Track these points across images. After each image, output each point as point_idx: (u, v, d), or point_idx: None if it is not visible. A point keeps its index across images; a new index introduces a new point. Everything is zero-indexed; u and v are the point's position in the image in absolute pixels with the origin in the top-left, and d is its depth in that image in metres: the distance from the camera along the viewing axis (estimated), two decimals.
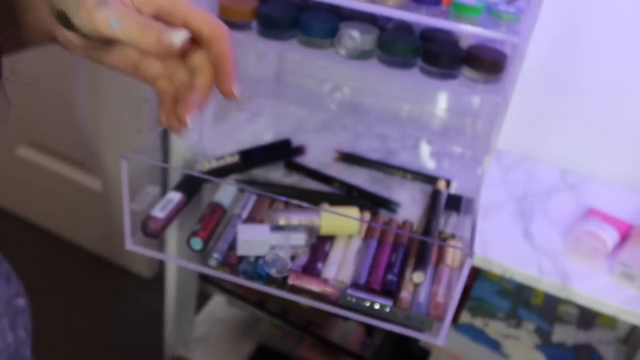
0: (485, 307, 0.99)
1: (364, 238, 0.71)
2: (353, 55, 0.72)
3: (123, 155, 0.63)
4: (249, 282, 0.65)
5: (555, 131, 0.96)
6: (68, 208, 1.54)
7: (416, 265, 0.65)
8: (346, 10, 0.76)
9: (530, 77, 0.89)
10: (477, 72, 0.71)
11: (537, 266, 0.73)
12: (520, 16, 0.66)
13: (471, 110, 0.89)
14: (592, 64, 0.89)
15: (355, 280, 0.65)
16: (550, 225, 0.81)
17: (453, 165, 0.93)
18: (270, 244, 0.64)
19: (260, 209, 0.74)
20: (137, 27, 0.39)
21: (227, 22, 0.74)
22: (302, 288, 0.64)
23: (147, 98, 1.24)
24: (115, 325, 1.41)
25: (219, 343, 1.17)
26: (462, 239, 0.71)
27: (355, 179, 0.83)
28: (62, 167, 1.51)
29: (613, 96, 0.90)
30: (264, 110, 1.01)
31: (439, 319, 0.62)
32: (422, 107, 0.93)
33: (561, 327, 0.98)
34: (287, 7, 0.76)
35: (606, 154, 0.94)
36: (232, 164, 0.81)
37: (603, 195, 0.89)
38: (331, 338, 1.08)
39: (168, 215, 0.68)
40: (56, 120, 1.44)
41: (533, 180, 0.91)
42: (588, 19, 0.86)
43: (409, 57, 0.72)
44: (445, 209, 0.76)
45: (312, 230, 0.68)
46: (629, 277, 0.71)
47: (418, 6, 0.67)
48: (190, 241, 0.68)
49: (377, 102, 0.99)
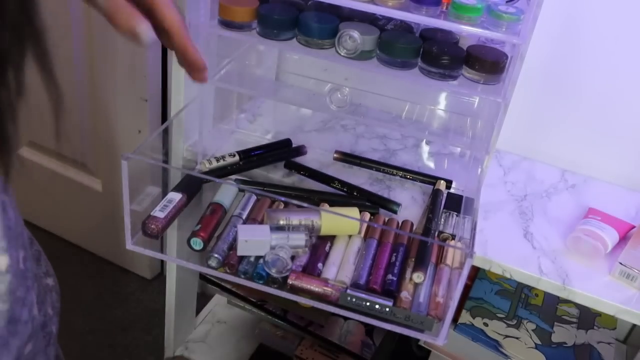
0: (485, 306, 0.99)
1: (364, 238, 0.71)
2: (353, 55, 0.72)
3: (123, 156, 0.63)
4: (249, 282, 0.65)
5: (555, 131, 0.96)
6: (68, 208, 1.54)
7: (416, 265, 0.65)
8: (346, 10, 0.76)
9: (530, 77, 0.89)
10: (477, 72, 0.71)
11: (537, 266, 0.73)
12: (520, 16, 0.66)
13: (471, 110, 0.89)
14: (592, 64, 0.89)
15: (355, 280, 0.65)
16: (550, 225, 0.81)
17: (453, 165, 0.93)
18: (270, 244, 0.64)
19: (260, 209, 0.74)
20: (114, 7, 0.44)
21: (227, 22, 0.75)
22: (302, 288, 0.64)
23: (147, 98, 1.24)
24: (115, 325, 1.41)
25: (219, 343, 1.17)
26: (462, 239, 0.71)
27: (355, 179, 0.83)
28: (62, 167, 1.51)
29: (613, 96, 0.90)
30: (264, 110, 1.01)
31: (439, 318, 0.62)
32: (422, 107, 0.93)
33: (561, 327, 0.98)
34: (287, 7, 0.76)
35: (606, 154, 0.94)
36: (232, 164, 0.81)
37: (603, 195, 0.90)
38: (331, 338, 1.09)
39: (168, 215, 0.68)
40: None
41: (533, 180, 0.91)
42: (588, 19, 0.86)
43: (409, 57, 0.72)
44: (445, 209, 0.76)
45: (312, 230, 0.68)
46: (629, 277, 0.71)
47: (418, 6, 0.67)
48: (190, 241, 0.68)
49: (377, 102, 0.99)
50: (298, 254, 0.66)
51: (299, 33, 0.74)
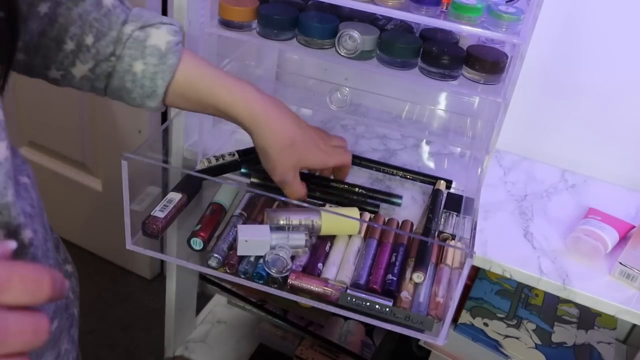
0: (485, 306, 0.99)
1: (364, 238, 0.71)
2: (353, 55, 0.72)
3: (123, 156, 0.63)
4: (249, 282, 0.65)
5: (555, 131, 0.96)
6: (68, 208, 1.54)
7: (416, 265, 0.65)
8: (346, 10, 0.76)
9: (530, 77, 0.89)
10: (477, 72, 0.71)
11: (537, 266, 0.73)
12: (520, 16, 0.66)
13: (471, 110, 0.89)
14: (592, 64, 0.89)
15: (355, 280, 0.65)
16: (550, 225, 0.81)
17: (453, 165, 0.93)
18: (270, 244, 0.64)
19: (260, 209, 0.74)
20: (293, 194, 0.68)
21: (227, 22, 0.75)
22: (302, 288, 0.64)
23: None
24: (115, 325, 1.41)
25: (219, 343, 1.17)
26: (462, 239, 0.71)
27: (355, 179, 0.83)
28: (62, 167, 1.51)
29: (613, 96, 0.90)
30: None
31: (439, 318, 0.62)
32: (422, 107, 0.93)
33: (561, 327, 0.98)
34: (287, 7, 0.76)
35: (606, 154, 0.94)
36: (231, 162, 0.81)
37: (603, 195, 0.90)
38: (331, 338, 1.09)
39: (168, 215, 0.68)
40: (56, 120, 1.44)
41: (533, 180, 0.91)
42: (588, 19, 0.86)
43: (409, 57, 0.72)
44: (445, 209, 0.76)
45: (312, 230, 0.68)
46: (629, 277, 0.71)
47: (418, 6, 0.67)
48: (190, 241, 0.68)
49: (377, 102, 0.99)
50: (298, 254, 0.66)
51: (299, 33, 0.74)
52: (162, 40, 0.57)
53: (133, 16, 0.57)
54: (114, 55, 0.56)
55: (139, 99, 0.59)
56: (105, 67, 0.56)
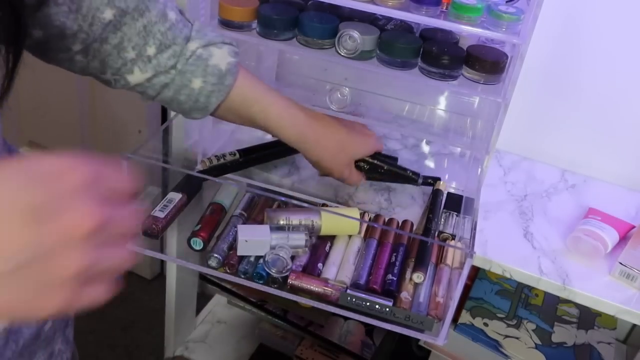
0: (484, 306, 0.99)
1: (364, 238, 0.71)
2: (353, 55, 0.72)
3: (123, 155, 0.63)
4: (249, 282, 0.65)
5: (555, 131, 0.96)
6: None
7: (416, 265, 0.65)
8: (346, 10, 0.76)
9: (530, 77, 0.89)
10: (477, 72, 0.71)
11: (537, 266, 0.73)
12: (520, 16, 0.66)
13: (471, 110, 0.89)
14: (592, 64, 0.89)
15: (355, 280, 0.65)
16: (550, 225, 0.81)
17: (453, 165, 0.93)
18: (270, 244, 0.64)
19: (260, 209, 0.74)
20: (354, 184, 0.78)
21: (227, 22, 0.75)
22: (302, 288, 0.64)
23: None
24: (115, 325, 1.41)
25: (219, 343, 1.17)
26: (462, 239, 0.71)
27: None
28: None
29: (613, 96, 0.90)
30: None
31: (439, 318, 0.62)
32: (422, 107, 0.93)
33: (561, 327, 0.98)
34: (287, 7, 0.76)
35: (606, 154, 0.94)
36: (232, 161, 0.81)
37: (603, 195, 0.89)
38: (331, 338, 1.09)
39: (168, 215, 0.68)
40: (56, 121, 1.44)
41: (533, 180, 0.91)
42: (588, 19, 0.86)
43: (409, 57, 0.72)
44: (445, 209, 0.76)
45: (312, 230, 0.68)
46: (629, 277, 0.71)
47: (418, 6, 0.67)
48: (190, 241, 0.68)
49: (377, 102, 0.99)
50: (298, 254, 0.66)
51: (299, 33, 0.74)
52: (224, 61, 0.59)
53: (196, 32, 0.58)
54: (175, 68, 0.57)
55: (189, 110, 0.61)
56: (164, 78, 0.58)
